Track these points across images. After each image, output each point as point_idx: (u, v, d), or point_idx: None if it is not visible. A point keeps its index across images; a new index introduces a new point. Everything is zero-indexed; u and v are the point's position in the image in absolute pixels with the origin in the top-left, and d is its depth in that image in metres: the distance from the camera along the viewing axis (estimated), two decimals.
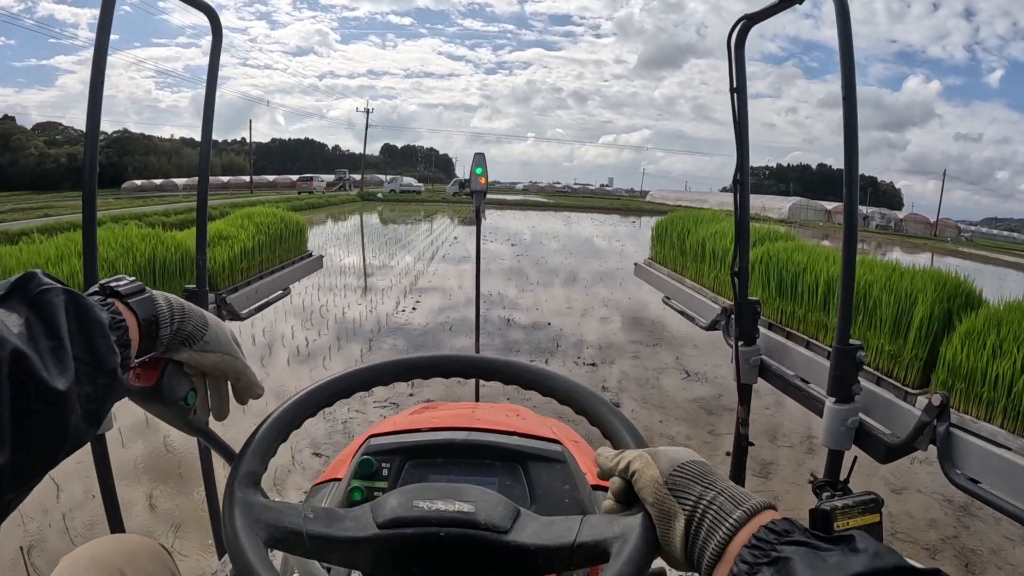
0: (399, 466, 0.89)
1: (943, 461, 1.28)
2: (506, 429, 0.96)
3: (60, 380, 0.42)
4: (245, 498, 0.57)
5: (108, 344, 0.48)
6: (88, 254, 1.32)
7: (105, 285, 0.56)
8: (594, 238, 21.83)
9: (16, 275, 0.46)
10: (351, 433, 3.95)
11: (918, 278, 2.10)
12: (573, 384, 0.72)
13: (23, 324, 0.43)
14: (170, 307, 0.60)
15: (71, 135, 62.57)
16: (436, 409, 1.22)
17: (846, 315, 1.38)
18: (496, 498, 0.58)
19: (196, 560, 2.62)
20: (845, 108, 1.28)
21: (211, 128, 1.69)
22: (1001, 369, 1.75)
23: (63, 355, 0.43)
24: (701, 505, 0.49)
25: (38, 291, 0.45)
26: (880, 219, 41.08)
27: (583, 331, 7.34)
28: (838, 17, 1.25)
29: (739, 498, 0.48)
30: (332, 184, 52.27)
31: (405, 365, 0.74)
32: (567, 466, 0.89)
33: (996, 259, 26.79)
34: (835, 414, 1.40)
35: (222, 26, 1.62)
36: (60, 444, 0.44)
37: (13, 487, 0.41)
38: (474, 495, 0.58)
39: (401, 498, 0.57)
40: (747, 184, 1.75)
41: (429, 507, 0.56)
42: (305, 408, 0.66)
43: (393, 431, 0.97)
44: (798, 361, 1.75)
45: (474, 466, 0.90)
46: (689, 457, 0.53)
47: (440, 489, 0.59)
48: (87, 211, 1.30)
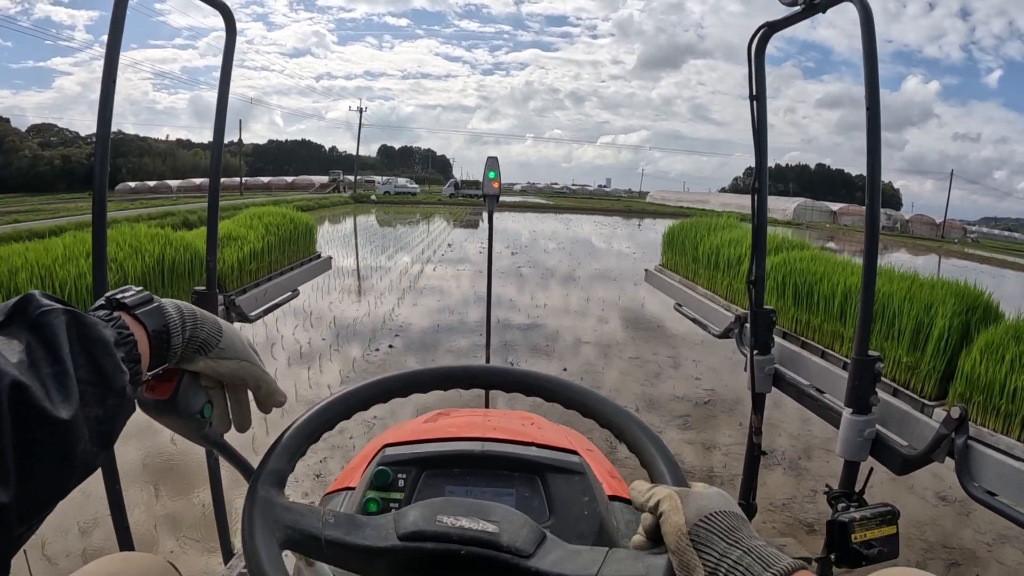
0: (415, 477, 0.88)
1: (960, 474, 1.27)
2: (523, 439, 0.96)
3: (64, 408, 0.41)
4: (267, 496, 0.56)
5: (115, 362, 0.46)
6: (97, 260, 1.30)
7: (111, 298, 0.53)
8: (598, 242, 20.60)
9: (13, 299, 0.45)
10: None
11: (937, 289, 2.08)
12: (618, 408, 0.70)
13: (23, 351, 0.41)
14: (180, 315, 0.57)
15: (66, 137, 62.81)
16: (450, 416, 1.22)
17: (865, 326, 1.38)
18: (522, 520, 0.57)
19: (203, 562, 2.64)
20: (868, 117, 1.28)
21: (223, 127, 1.67)
22: (1020, 382, 1.73)
23: (66, 380, 0.42)
24: (724, 564, 0.46)
25: (37, 314, 0.44)
26: (886, 220, 40.44)
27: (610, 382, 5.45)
28: (863, 27, 1.25)
29: (768, 560, 0.45)
30: (326, 186, 51.66)
31: (446, 373, 0.72)
32: (585, 477, 0.88)
33: (1012, 262, 25.97)
34: (852, 425, 1.40)
35: (236, 25, 1.62)
36: (69, 473, 0.43)
37: (22, 521, 0.39)
38: (500, 514, 0.57)
39: (425, 511, 0.57)
40: (765, 192, 1.74)
41: (453, 523, 0.55)
42: (339, 411, 0.65)
43: (408, 440, 0.96)
44: (813, 371, 1.75)
45: (492, 477, 0.89)
46: (720, 507, 0.49)
47: (466, 505, 0.58)
48: (97, 213, 1.29)
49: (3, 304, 0.44)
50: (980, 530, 3.17)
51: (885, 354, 2.18)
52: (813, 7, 1.41)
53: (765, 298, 1.82)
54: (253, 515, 0.54)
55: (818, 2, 1.39)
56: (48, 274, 2.86)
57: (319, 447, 3.74)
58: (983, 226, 55.44)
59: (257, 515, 0.54)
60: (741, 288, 2.08)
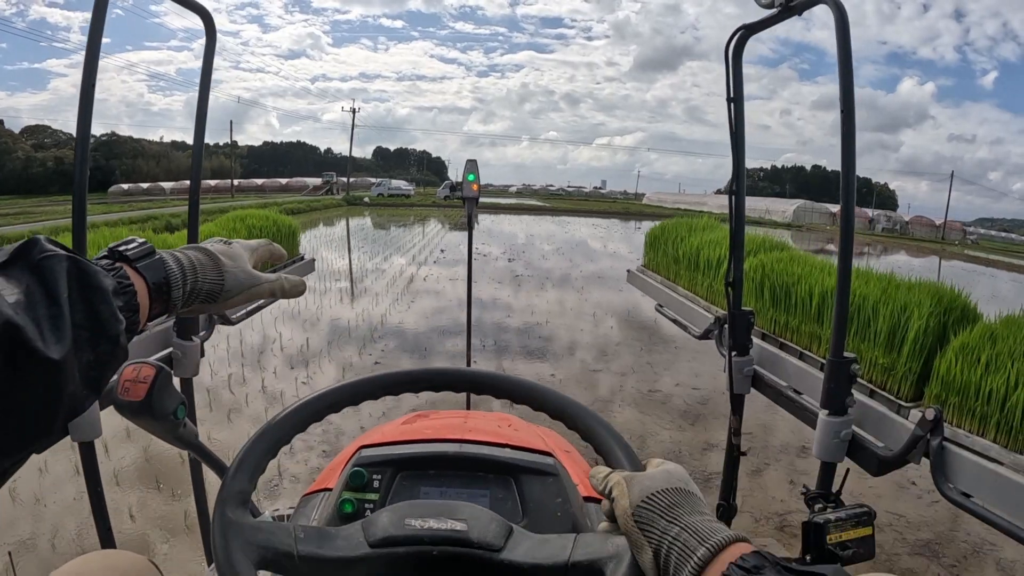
0: (390, 478, 0.88)
1: (936, 475, 1.28)
2: (498, 441, 0.95)
3: (55, 349, 0.41)
4: (236, 519, 0.56)
5: (111, 310, 0.47)
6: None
7: (114, 249, 0.55)
8: (597, 244, 20.34)
9: (18, 242, 0.46)
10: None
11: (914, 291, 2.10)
12: (564, 399, 0.70)
13: (22, 292, 0.42)
14: (181, 267, 0.58)
15: (59, 138, 61.55)
16: (427, 418, 1.21)
17: (841, 328, 1.38)
18: (488, 516, 0.57)
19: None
20: (843, 120, 1.28)
21: (204, 130, 1.67)
22: (995, 383, 1.76)
23: (61, 323, 0.43)
24: (666, 540, 0.48)
25: (40, 258, 0.45)
26: (886, 222, 40.64)
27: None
28: (837, 29, 1.25)
29: (704, 533, 0.47)
30: (319, 188, 51.24)
31: (396, 379, 0.74)
32: (559, 479, 0.88)
33: (1020, 266, 25.51)
34: (828, 426, 1.40)
35: (216, 28, 1.62)
36: (55, 411, 0.43)
37: (6, 455, 0.41)
38: (467, 512, 0.57)
39: (393, 516, 0.57)
40: (743, 194, 1.75)
41: (421, 525, 0.55)
42: (293, 424, 0.65)
43: (384, 442, 0.96)
44: (791, 372, 1.75)
45: (466, 479, 0.89)
46: (662, 486, 0.51)
47: (432, 507, 0.58)
48: (77, 212, 1.28)
49: (7, 247, 0.45)
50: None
51: (862, 356, 2.20)
52: (789, 9, 1.41)
53: (744, 299, 1.82)
54: (226, 540, 0.54)
55: (794, 4, 1.39)
56: None
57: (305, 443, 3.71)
58: (979, 227, 56.17)
59: (230, 538, 0.54)
60: (721, 289, 2.08)
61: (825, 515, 1.30)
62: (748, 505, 3.26)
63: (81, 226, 1.29)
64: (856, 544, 1.25)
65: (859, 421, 1.45)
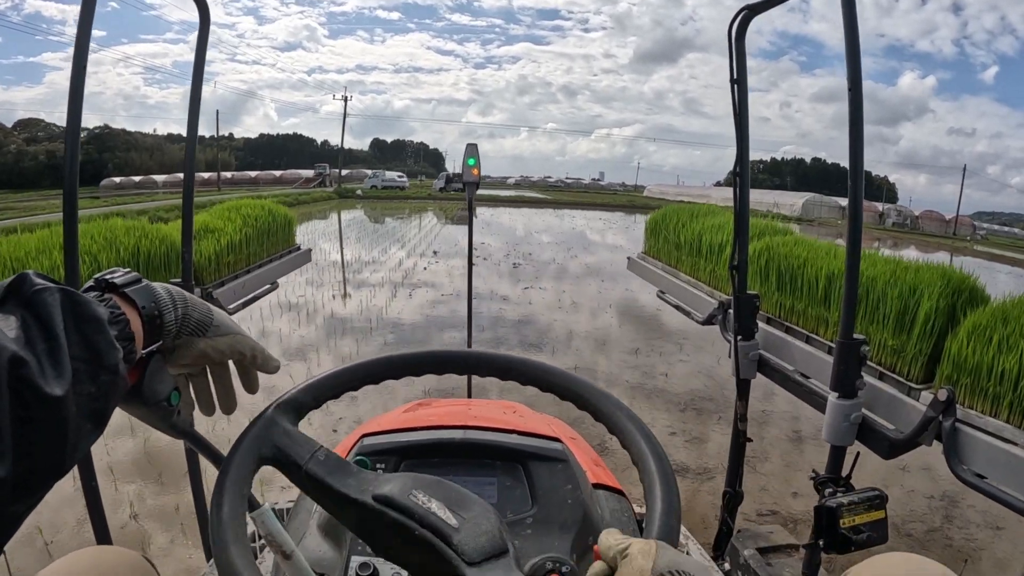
0: (394, 467, 0.86)
1: (949, 456, 1.25)
2: (505, 427, 0.93)
3: (57, 385, 0.41)
4: (274, 416, 0.59)
5: (107, 340, 0.47)
6: (69, 251, 1.30)
7: (100, 279, 0.54)
8: (602, 241, 18.72)
9: (8, 278, 0.45)
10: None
11: (922, 272, 2.08)
12: (616, 402, 0.65)
13: (19, 327, 0.42)
14: (170, 296, 0.58)
15: (52, 132, 61.05)
16: (430, 406, 1.19)
17: (850, 310, 1.35)
18: (491, 526, 0.53)
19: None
20: (851, 100, 1.25)
21: (197, 121, 1.66)
22: (1008, 364, 1.73)
23: (60, 357, 0.42)
24: None
25: (32, 292, 0.44)
26: (896, 216, 39.91)
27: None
28: (844, 12, 1.22)
29: None
30: (311, 180, 49.79)
31: (443, 357, 0.72)
32: (568, 465, 0.86)
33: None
34: (838, 409, 1.38)
35: (210, 18, 1.60)
36: (63, 450, 0.43)
37: (18, 498, 0.40)
38: (473, 511, 0.54)
39: (405, 483, 0.56)
40: (747, 176, 1.72)
41: (423, 503, 0.53)
42: (359, 377, 0.67)
43: (387, 430, 0.93)
44: (798, 356, 1.72)
45: (473, 466, 0.87)
46: (695, 570, 0.44)
47: (446, 490, 0.55)
48: (68, 207, 1.28)
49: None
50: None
51: (871, 338, 2.17)
52: None
53: (748, 283, 1.80)
54: (249, 432, 0.58)
55: None
56: (20, 267, 2.80)
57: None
58: (978, 220, 55.81)
59: (255, 431, 0.58)
60: (724, 274, 2.06)
61: (837, 499, 1.28)
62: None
63: (72, 227, 1.29)
64: (869, 528, 1.23)
65: (869, 404, 1.43)
